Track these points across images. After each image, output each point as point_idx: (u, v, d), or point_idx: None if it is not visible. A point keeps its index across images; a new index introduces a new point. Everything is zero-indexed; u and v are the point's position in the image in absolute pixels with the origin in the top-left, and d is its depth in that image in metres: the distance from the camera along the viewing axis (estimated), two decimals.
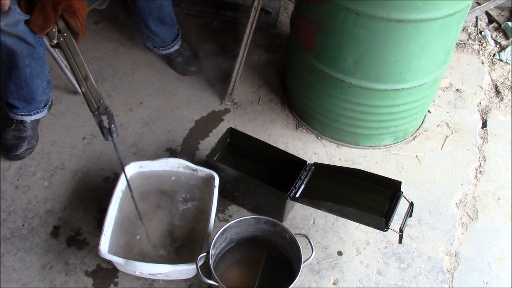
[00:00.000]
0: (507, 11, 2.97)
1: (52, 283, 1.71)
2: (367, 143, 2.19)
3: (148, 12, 2.24)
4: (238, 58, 2.26)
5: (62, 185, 1.99)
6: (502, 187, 2.10)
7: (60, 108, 2.27)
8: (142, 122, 2.24)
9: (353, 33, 1.75)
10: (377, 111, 2.02)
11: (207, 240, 1.63)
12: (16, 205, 1.91)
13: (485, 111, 2.42)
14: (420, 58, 1.81)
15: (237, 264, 1.75)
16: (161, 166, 1.87)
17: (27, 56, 1.85)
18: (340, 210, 1.70)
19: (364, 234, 1.90)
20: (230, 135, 2.03)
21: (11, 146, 2.02)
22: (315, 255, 1.74)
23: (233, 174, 1.83)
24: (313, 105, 2.14)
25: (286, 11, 2.88)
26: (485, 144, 2.26)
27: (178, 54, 2.45)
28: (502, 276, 1.82)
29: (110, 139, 1.35)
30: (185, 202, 1.83)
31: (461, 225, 1.96)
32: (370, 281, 1.78)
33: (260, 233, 1.75)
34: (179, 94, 2.38)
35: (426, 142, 2.26)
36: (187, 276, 1.72)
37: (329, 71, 1.94)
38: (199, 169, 1.85)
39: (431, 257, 1.85)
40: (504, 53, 2.71)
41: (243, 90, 2.42)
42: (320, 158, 2.15)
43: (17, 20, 1.70)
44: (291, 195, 1.77)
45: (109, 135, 1.34)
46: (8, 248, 1.79)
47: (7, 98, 2.01)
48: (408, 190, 2.03)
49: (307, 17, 1.92)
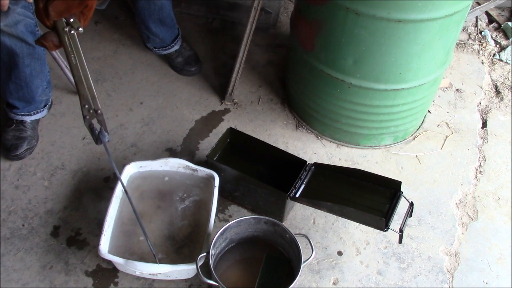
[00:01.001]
0: (507, 11, 2.97)
1: (52, 283, 1.71)
2: (367, 143, 2.19)
3: (148, 13, 2.24)
4: (238, 58, 2.26)
5: (62, 185, 1.99)
6: (502, 187, 2.10)
7: (60, 108, 2.27)
8: (142, 122, 2.24)
9: (353, 33, 1.75)
10: (377, 111, 2.02)
11: (207, 240, 1.63)
12: (16, 205, 1.91)
13: (485, 111, 2.42)
14: (420, 58, 1.81)
15: (237, 264, 1.75)
16: (161, 166, 1.87)
17: (27, 56, 1.85)
18: (340, 210, 1.70)
19: (364, 234, 1.90)
20: (230, 135, 2.03)
21: (11, 146, 2.02)
22: (315, 255, 1.74)
23: (233, 174, 1.83)
24: (313, 105, 2.14)
25: (286, 11, 2.88)
26: (485, 144, 2.26)
27: (178, 54, 2.45)
28: (502, 276, 1.82)
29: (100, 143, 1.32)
30: (185, 202, 1.83)
31: (461, 225, 1.96)
32: (370, 281, 1.78)
33: (260, 233, 1.75)
34: (179, 94, 2.38)
35: (426, 142, 2.26)
36: (187, 276, 1.72)
37: (329, 71, 1.94)
38: (199, 169, 1.85)
39: (431, 257, 1.85)
40: (504, 53, 2.71)
41: (243, 90, 2.42)
42: (320, 158, 2.15)
43: (16, 20, 1.70)
44: (291, 195, 1.77)
45: (99, 140, 1.31)
46: (8, 248, 1.79)
47: (7, 98, 2.01)
48: (408, 190, 2.03)
49: (307, 17, 1.92)
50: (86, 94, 1.25)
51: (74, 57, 1.22)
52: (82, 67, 1.23)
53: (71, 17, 1.18)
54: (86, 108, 1.27)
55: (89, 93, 1.25)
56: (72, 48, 1.21)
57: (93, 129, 1.30)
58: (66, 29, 1.19)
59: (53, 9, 1.15)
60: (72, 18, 1.18)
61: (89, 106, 1.27)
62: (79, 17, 1.21)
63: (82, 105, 1.26)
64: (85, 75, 1.24)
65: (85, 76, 1.24)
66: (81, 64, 1.23)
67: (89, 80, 1.25)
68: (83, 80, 1.24)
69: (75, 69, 1.23)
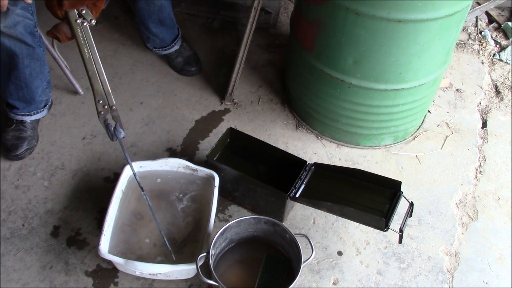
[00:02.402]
0: (507, 11, 2.97)
1: (52, 283, 1.71)
2: (367, 143, 2.19)
3: (148, 14, 2.24)
4: (238, 58, 2.26)
5: (62, 185, 1.99)
6: (502, 187, 2.10)
7: (60, 108, 2.27)
8: (142, 122, 2.24)
9: (353, 33, 1.75)
10: (377, 111, 2.02)
11: (207, 240, 1.63)
12: (16, 205, 1.91)
13: (485, 111, 2.42)
14: (420, 58, 1.81)
15: (237, 264, 1.75)
16: (161, 166, 1.87)
17: (27, 57, 1.85)
18: (340, 210, 1.70)
19: (364, 234, 1.90)
20: (230, 135, 2.03)
21: (11, 146, 2.02)
22: (315, 255, 1.74)
23: (233, 174, 1.83)
24: (313, 105, 2.14)
25: (286, 11, 2.88)
26: (485, 144, 2.26)
27: (178, 54, 2.45)
28: (502, 276, 1.82)
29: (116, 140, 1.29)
30: (185, 202, 1.83)
31: (461, 225, 1.96)
32: (370, 281, 1.78)
33: (260, 233, 1.75)
34: (179, 94, 2.38)
35: (426, 142, 2.26)
36: (187, 276, 1.72)
37: (329, 71, 1.94)
38: (199, 169, 1.85)
39: (431, 257, 1.85)
40: (504, 53, 2.71)
41: (243, 90, 2.42)
42: (320, 158, 2.15)
43: (15, 21, 1.70)
44: (291, 195, 1.77)
45: (115, 136, 1.28)
46: (8, 248, 1.79)
47: (7, 99, 2.01)
48: (408, 190, 2.03)
49: (307, 17, 1.92)
50: (100, 89, 1.22)
51: (87, 51, 1.19)
52: (96, 61, 1.20)
53: (83, 8, 1.15)
54: (100, 104, 1.23)
55: (104, 88, 1.22)
56: (86, 40, 1.18)
57: (108, 125, 1.27)
58: (79, 21, 1.16)
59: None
60: (84, 10, 1.15)
61: (104, 102, 1.23)
62: (91, 8, 1.18)
63: (97, 101, 1.23)
64: (99, 69, 1.20)
65: (99, 70, 1.20)
66: (94, 58, 1.20)
67: (103, 74, 1.21)
68: (97, 75, 1.21)
69: (88, 63, 1.20)
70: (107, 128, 1.26)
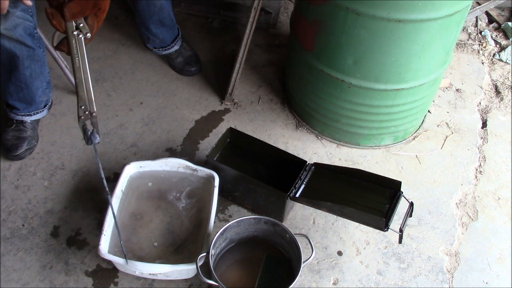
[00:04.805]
0: (507, 11, 2.97)
1: (52, 283, 1.71)
2: (367, 143, 2.19)
3: (148, 15, 2.24)
4: (238, 58, 2.26)
5: (62, 185, 1.99)
6: (502, 187, 2.10)
7: (60, 108, 2.27)
8: (142, 122, 2.24)
9: (353, 33, 1.75)
10: (377, 111, 2.02)
11: (207, 240, 1.63)
12: (16, 205, 1.91)
13: (485, 111, 2.42)
14: (420, 58, 1.81)
15: (237, 264, 1.75)
16: (161, 166, 1.87)
17: (27, 58, 1.85)
18: (340, 210, 1.70)
19: (364, 234, 1.90)
20: (230, 135, 2.03)
21: (11, 146, 2.02)
22: (315, 255, 1.74)
23: (233, 174, 1.83)
24: (313, 105, 2.14)
25: (286, 11, 2.88)
26: (485, 144, 2.26)
27: (178, 54, 2.45)
28: (502, 276, 1.82)
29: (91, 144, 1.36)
30: (185, 202, 1.83)
31: (461, 225, 1.96)
32: (370, 281, 1.78)
33: (260, 233, 1.75)
34: (179, 94, 2.38)
35: (426, 142, 2.26)
36: (187, 276, 1.72)
37: (329, 71, 1.94)
38: (199, 169, 1.85)
39: (431, 257, 1.85)
40: (504, 53, 2.71)
41: (243, 90, 2.42)
42: (320, 158, 2.15)
43: (15, 24, 1.71)
44: (291, 195, 1.77)
45: (90, 140, 1.35)
46: (8, 248, 1.79)
47: (7, 99, 2.01)
48: (408, 190, 2.03)
49: (307, 17, 1.92)
50: (84, 96, 1.30)
51: (78, 60, 1.26)
52: (84, 70, 1.28)
53: (81, 22, 1.23)
54: (82, 109, 1.31)
55: (87, 96, 1.30)
56: (78, 51, 1.26)
57: (86, 129, 1.35)
58: (75, 32, 1.23)
59: (68, 11, 1.18)
60: (82, 23, 1.23)
61: (85, 108, 1.31)
62: (93, 19, 1.25)
63: (79, 106, 1.31)
64: (85, 78, 1.28)
65: (85, 79, 1.28)
66: (83, 68, 1.28)
67: (89, 83, 1.29)
68: (83, 83, 1.28)
69: (77, 71, 1.27)
70: (85, 132, 1.36)
